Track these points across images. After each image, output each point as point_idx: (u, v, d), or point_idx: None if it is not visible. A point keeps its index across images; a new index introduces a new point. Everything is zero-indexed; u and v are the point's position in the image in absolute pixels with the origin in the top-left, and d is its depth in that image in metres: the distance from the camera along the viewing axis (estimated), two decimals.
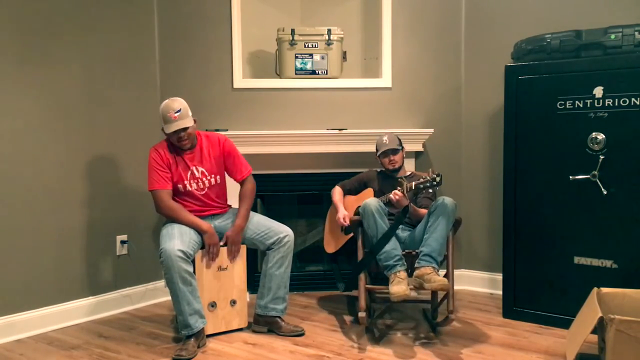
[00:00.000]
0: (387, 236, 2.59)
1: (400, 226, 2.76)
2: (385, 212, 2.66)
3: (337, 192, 3.12)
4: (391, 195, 2.67)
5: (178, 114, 2.63)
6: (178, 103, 2.66)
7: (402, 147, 3.03)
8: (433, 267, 2.50)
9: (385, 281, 2.58)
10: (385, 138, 3.00)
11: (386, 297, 2.59)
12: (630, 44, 2.63)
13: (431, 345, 2.63)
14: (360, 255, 2.73)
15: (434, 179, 2.55)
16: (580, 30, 2.76)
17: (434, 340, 2.68)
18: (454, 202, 2.60)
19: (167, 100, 2.69)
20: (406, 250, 2.67)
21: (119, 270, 3.25)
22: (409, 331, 2.83)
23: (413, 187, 2.62)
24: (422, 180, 2.60)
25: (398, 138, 3.04)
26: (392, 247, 2.59)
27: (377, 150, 3.02)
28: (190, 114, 2.70)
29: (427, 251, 2.54)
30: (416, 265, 2.55)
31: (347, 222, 2.87)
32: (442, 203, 2.58)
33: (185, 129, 2.65)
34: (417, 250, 2.62)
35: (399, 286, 2.46)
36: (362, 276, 2.68)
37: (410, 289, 2.49)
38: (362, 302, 2.65)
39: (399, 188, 2.67)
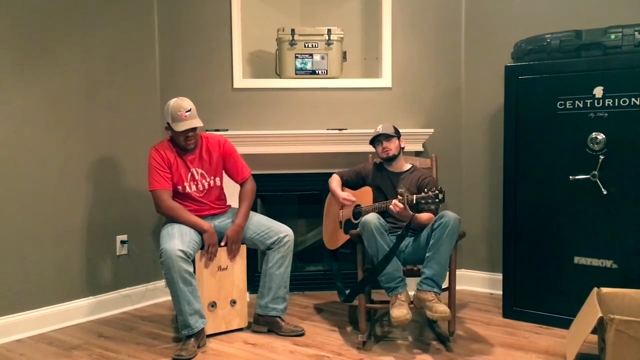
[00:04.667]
0: (389, 257, 2.52)
1: None
2: (385, 228, 2.57)
3: (335, 180, 2.98)
4: (391, 207, 2.55)
5: (189, 113, 2.64)
6: (188, 102, 2.68)
7: (399, 137, 2.91)
8: (435, 292, 2.46)
9: None
10: (380, 127, 2.89)
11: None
12: (630, 44, 2.64)
13: (431, 345, 2.63)
14: (360, 274, 2.69)
15: (437, 196, 2.43)
16: (580, 30, 2.76)
17: (433, 341, 2.69)
18: (458, 218, 2.50)
19: (175, 99, 2.69)
20: (407, 267, 2.61)
21: (119, 270, 3.24)
22: (408, 332, 2.83)
23: (414, 202, 2.51)
24: (423, 195, 2.49)
25: (395, 127, 2.91)
26: (394, 269, 2.52)
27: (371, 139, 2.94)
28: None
29: (429, 274, 2.48)
30: (417, 287, 2.51)
31: (352, 199, 2.81)
32: (446, 222, 2.47)
33: (194, 129, 2.67)
34: (418, 267, 2.57)
35: (399, 310, 2.43)
36: (361, 297, 2.63)
37: (411, 307, 2.48)
38: (362, 325, 2.63)
39: (399, 198, 2.54)
